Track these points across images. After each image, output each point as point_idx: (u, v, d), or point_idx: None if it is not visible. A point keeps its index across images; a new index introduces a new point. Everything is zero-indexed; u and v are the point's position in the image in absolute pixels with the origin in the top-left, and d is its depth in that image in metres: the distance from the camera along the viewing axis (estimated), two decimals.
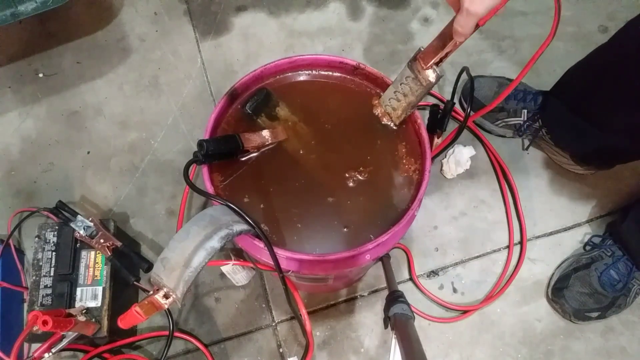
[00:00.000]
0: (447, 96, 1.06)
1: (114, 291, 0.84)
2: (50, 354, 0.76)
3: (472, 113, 1.09)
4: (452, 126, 1.01)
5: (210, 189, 0.60)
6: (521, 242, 0.99)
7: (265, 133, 0.66)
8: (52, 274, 0.83)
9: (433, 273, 0.98)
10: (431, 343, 0.92)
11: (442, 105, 0.75)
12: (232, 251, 0.93)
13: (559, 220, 1.01)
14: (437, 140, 0.75)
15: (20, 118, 1.08)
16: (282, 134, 0.68)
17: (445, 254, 0.99)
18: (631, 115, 0.81)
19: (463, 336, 0.93)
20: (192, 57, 1.14)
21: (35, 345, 0.82)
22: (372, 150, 0.67)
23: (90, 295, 0.82)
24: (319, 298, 0.95)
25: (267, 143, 0.66)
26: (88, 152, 1.06)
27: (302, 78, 0.72)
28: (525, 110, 1.01)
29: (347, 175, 0.65)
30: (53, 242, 0.84)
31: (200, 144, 0.59)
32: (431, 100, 1.10)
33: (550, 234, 1.01)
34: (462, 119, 1.05)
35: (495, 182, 1.04)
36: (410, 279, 0.96)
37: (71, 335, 0.77)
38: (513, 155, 1.05)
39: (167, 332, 0.86)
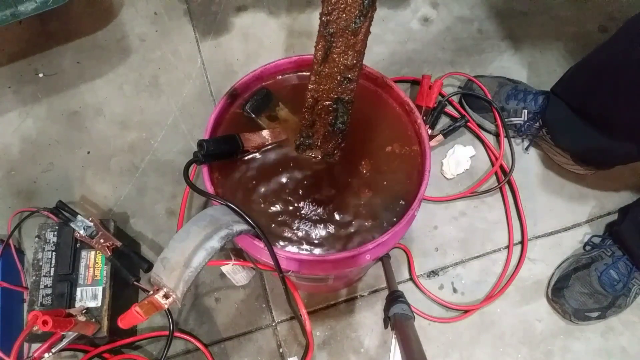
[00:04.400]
0: (446, 91, 1.06)
1: (114, 291, 0.84)
2: (50, 354, 0.76)
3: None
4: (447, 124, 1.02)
5: (210, 189, 0.60)
6: (521, 242, 0.99)
7: (265, 133, 0.66)
8: (52, 274, 0.83)
9: (433, 273, 0.98)
10: (431, 343, 0.92)
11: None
12: (232, 251, 0.93)
13: (559, 220, 1.01)
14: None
15: (20, 118, 1.08)
16: (282, 134, 0.68)
17: (445, 254, 0.99)
18: (632, 116, 0.81)
19: (463, 336, 0.93)
20: (192, 57, 1.14)
21: (35, 345, 0.82)
22: (371, 150, 0.67)
23: (90, 295, 0.82)
24: (319, 298, 0.95)
25: (267, 143, 0.66)
26: (88, 152, 1.06)
27: (302, 78, 0.72)
28: (526, 111, 1.01)
29: (346, 175, 0.65)
30: (53, 242, 0.84)
31: (200, 144, 0.59)
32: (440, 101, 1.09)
33: (550, 234, 1.01)
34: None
35: (495, 182, 1.04)
36: (410, 279, 0.96)
37: (71, 335, 0.77)
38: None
39: (167, 332, 0.86)
